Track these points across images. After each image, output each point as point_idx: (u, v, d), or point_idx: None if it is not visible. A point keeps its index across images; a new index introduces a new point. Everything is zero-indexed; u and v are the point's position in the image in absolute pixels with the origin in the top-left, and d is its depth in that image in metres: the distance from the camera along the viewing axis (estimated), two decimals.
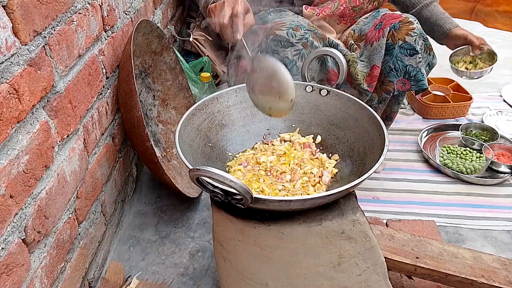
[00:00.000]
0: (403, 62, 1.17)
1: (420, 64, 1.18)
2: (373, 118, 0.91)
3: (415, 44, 1.15)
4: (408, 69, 1.18)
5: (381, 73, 1.22)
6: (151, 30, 1.34)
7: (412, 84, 1.21)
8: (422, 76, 1.19)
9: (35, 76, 0.78)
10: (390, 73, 1.20)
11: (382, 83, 1.23)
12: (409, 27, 1.15)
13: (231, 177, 0.66)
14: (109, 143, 1.19)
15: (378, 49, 1.18)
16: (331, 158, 1.00)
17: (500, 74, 2.20)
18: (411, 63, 1.17)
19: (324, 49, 1.05)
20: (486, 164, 1.49)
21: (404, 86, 1.22)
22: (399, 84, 1.21)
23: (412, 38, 1.15)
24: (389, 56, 1.19)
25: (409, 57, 1.17)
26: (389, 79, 1.21)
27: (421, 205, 1.39)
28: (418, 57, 1.16)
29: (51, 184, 0.85)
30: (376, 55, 1.19)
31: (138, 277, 1.15)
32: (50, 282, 0.86)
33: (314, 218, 0.79)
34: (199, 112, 0.98)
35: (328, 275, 0.79)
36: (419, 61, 1.17)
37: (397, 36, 1.16)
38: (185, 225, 1.32)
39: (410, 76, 1.19)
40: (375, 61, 1.19)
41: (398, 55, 1.17)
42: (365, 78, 1.21)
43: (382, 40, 1.17)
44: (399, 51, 1.17)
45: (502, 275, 0.95)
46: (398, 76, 1.20)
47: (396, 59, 1.18)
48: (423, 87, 1.21)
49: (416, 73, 1.18)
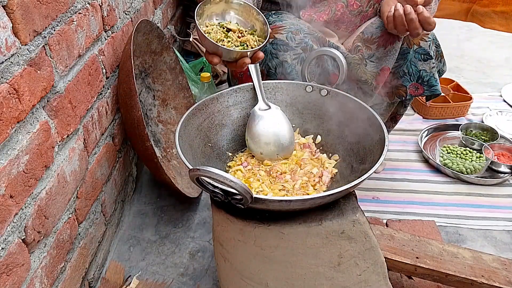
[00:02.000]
0: (417, 66, 1.18)
1: (434, 70, 1.18)
2: (373, 118, 0.91)
3: (429, 49, 1.16)
4: (422, 74, 1.18)
5: (394, 77, 1.22)
6: (151, 30, 1.34)
7: (425, 89, 1.21)
8: (435, 81, 1.19)
9: (35, 76, 0.78)
10: (404, 78, 1.20)
11: (395, 87, 1.23)
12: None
13: (231, 177, 0.66)
14: (109, 143, 1.19)
15: (392, 52, 1.18)
16: (331, 158, 1.00)
17: (500, 74, 2.20)
18: (424, 68, 1.17)
19: (324, 49, 1.05)
20: (486, 164, 1.49)
21: (417, 91, 1.22)
22: (412, 89, 1.21)
23: (427, 44, 1.15)
24: (403, 61, 1.19)
25: (423, 62, 1.17)
26: (402, 83, 1.21)
27: (421, 205, 1.39)
28: (432, 62, 1.17)
29: (51, 184, 0.85)
30: (389, 57, 1.18)
31: (138, 277, 1.15)
32: (50, 282, 0.86)
33: (314, 218, 0.79)
34: (199, 112, 0.98)
35: (328, 275, 0.79)
36: (432, 66, 1.17)
37: (412, 40, 1.16)
38: (185, 225, 1.32)
39: (423, 81, 1.19)
40: (386, 62, 1.19)
41: (413, 59, 1.17)
42: (374, 77, 1.20)
43: (397, 43, 1.17)
44: (413, 56, 1.17)
45: (502, 275, 0.95)
46: (411, 81, 1.20)
47: (410, 63, 1.18)
48: (436, 92, 1.21)
49: (429, 78, 1.19)
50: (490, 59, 2.38)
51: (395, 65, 1.20)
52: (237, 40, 0.91)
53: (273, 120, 0.99)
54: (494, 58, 2.39)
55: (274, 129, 0.97)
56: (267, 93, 1.05)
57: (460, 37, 2.66)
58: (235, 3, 0.96)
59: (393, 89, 1.23)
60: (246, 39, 0.91)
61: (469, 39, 2.64)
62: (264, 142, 0.97)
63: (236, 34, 0.92)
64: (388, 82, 1.24)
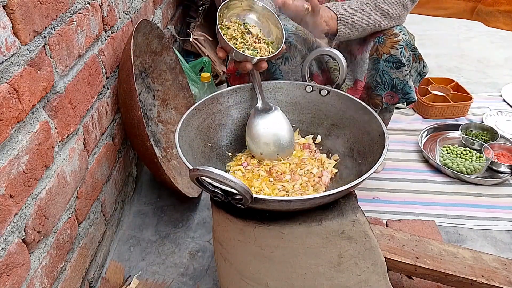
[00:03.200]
0: (389, 75, 1.16)
1: (407, 77, 1.16)
2: (373, 118, 0.91)
3: (401, 57, 1.13)
4: (395, 82, 1.16)
5: (369, 87, 1.21)
6: (151, 30, 1.34)
7: (400, 97, 1.19)
8: (409, 89, 1.18)
9: (35, 76, 0.78)
10: (378, 87, 1.19)
11: (370, 97, 1.22)
12: (393, 39, 1.13)
13: (231, 177, 0.66)
14: (109, 143, 1.19)
15: (360, 63, 1.17)
16: (331, 158, 1.00)
17: (500, 74, 2.20)
18: (397, 76, 1.16)
19: (324, 49, 1.05)
20: (486, 164, 1.49)
21: (393, 99, 1.20)
22: (387, 97, 1.20)
23: (398, 51, 1.13)
24: (374, 71, 1.17)
25: (396, 70, 1.15)
26: (377, 92, 1.20)
27: (421, 205, 1.39)
28: (404, 70, 1.15)
29: (51, 184, 0.85)
30: (358, 69, 1.18)
31: (138, 277, 1.15)
32: (50, 282, 0.86)
33: (314, 218, 0.79)
34: (199, 112, 0.98)
35: (328, 275, 0.79)
36: (405, 73, 1.15)
37: (381, 50, 1.14)
38: (185, 225, 1.32)
39: (397, 89, 1.18)
40: (357, 75, 1.18)
41: (384, 68, 1.15)
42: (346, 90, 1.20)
43: (364, 54, 1.16)
44: (384, 65, 1.15)
45: (502, 275, 0.95)
46: (385, 90, 1.19)
47: (382, 72, 1.16)
48: (411, 100, 1.19)
49: (403, 86, 1.17)
50: (490, 59, 2.38)
51: (368, 75, 1.19)
52: (252, 44, 0.94)
53: (273, 120, 0.99)
54: (494, 58, 2.39)
55: (274, 130, 0.97)
56: (267, 93, 1.05)
57: (460, 37, 2.66)
58: (259, 7, 0.99)
59: (369, 99, 1.22)
60: (259, 47, 0.94)
61: (469, 39, 2.64)
62: (263, 142, 0.97)
63: (254, 38, 0.95)
64: (364, 93, 1.23)
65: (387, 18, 1.14)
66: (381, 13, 1.13)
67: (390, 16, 1.13)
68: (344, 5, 1.12)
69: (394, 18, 1.14)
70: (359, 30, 1.13)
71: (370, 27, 1.13)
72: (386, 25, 1.14)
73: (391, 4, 1.13)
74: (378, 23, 1.13)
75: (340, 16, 1.10)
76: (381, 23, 1.13)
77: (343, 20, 1.10)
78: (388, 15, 1.13)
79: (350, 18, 1.11)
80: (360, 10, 1.11)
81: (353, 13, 1.11)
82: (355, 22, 1.12)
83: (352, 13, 1.11)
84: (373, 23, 1.13)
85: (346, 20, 1.10)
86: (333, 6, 1.12)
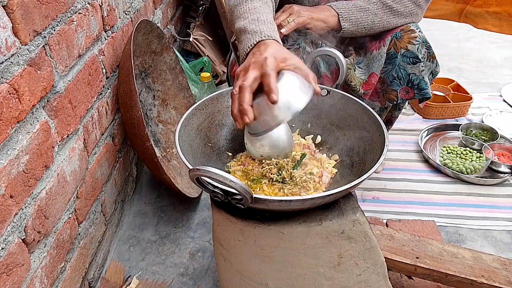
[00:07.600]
0: (406, 70, 1.17)
1: (423, 73, 1.17)
2: (373, 118, 0.91)
3: (417, 53, 1.15)
4: (411, 78, 1.18)
5: (384, 82, 1.21)
6: (151, 30, 1.34)
7: (416, 93, 1.20)
8: (425, 84, 1.19)
9: (35, 76, 0.78)
10: (393, 82, 1.20)
11: (385, 92, 1.23)
12: (410, 35, 1.14)
13: (231, 177, 0.66)
14: (109, 143, 1.19)
15: (378, 58, 1.18)
16: (331, 158, 1.00)
17: (500, 74, 2.21)
18: (414, 72, 1.17)
19: (325, 49, 1.05)
20: (486, 164, 1.49)
21: (408, 95, 1.21)
22: (403, 93, 1.21)
23: (415, 47, 1.14)
24: (391, 65, 1.18)
25: (412, 66, 1.16)
26: (392, 87, 1.21)
27: (421, 205, 1.39)
28: (421, 66, 1.16)
29: (51, 184, 0.85)
30: (375, 63, 1.18)
31: (138, 277, 1.15)
32: (50, 282, 0.86)
33: (314, 218, 0.78)
34: (199, 112, 0.98)
35: (328, 275, 0.79)
36: (422, 69, 1.16)
37: (399, 45, 1.15)
38: (185, 225, 1.32)
39: (413, 84, 1.19)
40: (373, 69, 1.18)
41: (401, 63, 1.17)
42: (362, 84, 1.20)
43: (382, 48, 1.16)
44: (401, 60, 1.16)
45: (502, 275, 0.95)
46: (401, 85, 1.20)
47: (399, 67, 1.17)
48: (427, 95, 1.20)
49: (419, 82, 1.18)
50: (490, 59, 2.38)
51: (384, 70, 1.19)
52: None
53: None
54: (494, 58, 2.39)
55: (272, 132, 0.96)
56: None
57: (460, 37, 2.66)
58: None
59: (384, 94, 1.23)
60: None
61: (469, 39, 2.64)
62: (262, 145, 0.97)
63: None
64: (379, 88, 1.23)
65: (397, 15, 1.14)
66: (390, 11, 1.13)
67: (400, 13, 1.14)
68: (348, 4, 1.13)
69: (405, 15, 1.15)
70: (365, 27, 1.14)
71: (377, 24, 1.14)
72: (397, 23, 1.15)
73: (400, 2, 1.13)
74: (386, 21, 1.14)
75: (342, 13, 1.11)
76: (390, 21, 1.14)
77: (345, 17, 1.11)
78: (398, 12, 1.13)
79: (353, 15, 1.12)
80: (365, 9, 1.12)
81: (357, 11, 1.12)
82: (359, 20, 1.12)
83: (356, 11, 1.12)
84: (380, 20, 1.14)
85: (348, 17, 1.11)
86: (336, 4, 1.13)
